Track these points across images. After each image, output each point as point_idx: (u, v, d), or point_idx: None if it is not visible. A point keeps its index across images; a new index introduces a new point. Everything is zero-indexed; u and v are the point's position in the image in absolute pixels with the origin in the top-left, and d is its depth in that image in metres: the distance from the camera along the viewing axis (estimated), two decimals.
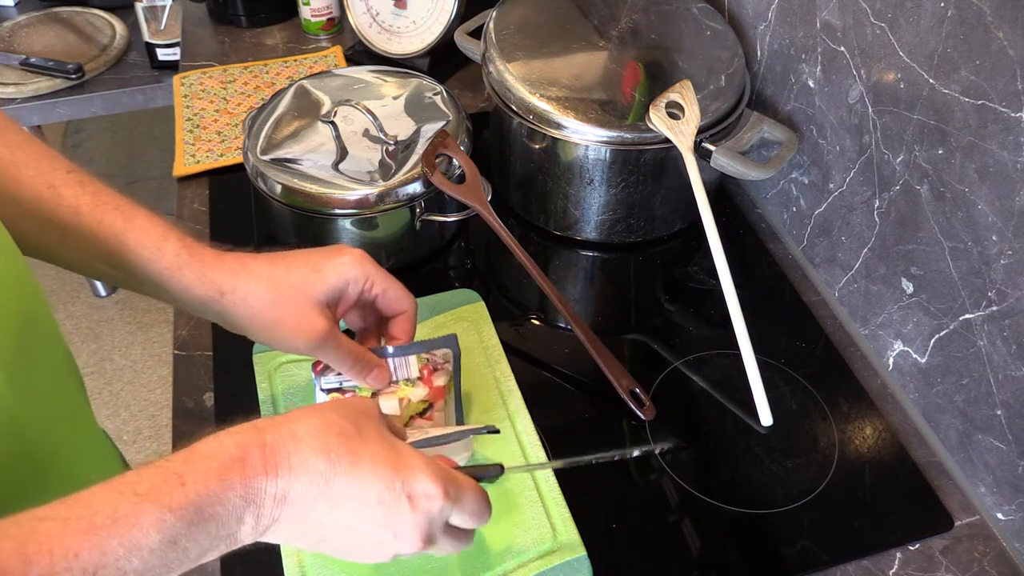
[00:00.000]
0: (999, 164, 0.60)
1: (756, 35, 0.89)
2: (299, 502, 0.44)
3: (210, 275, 0.56)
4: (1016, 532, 0.66)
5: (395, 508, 0.46)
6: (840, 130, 0.78)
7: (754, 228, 0.93)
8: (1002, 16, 0.57)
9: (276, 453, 0.44)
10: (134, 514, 0.39)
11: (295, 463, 0.44)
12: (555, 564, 0.61)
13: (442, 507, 0.47)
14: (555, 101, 0.81)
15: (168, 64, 1.55)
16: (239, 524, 0.42)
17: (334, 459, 0.45)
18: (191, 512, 0.40)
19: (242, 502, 0.42)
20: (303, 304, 0.57)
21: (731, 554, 0.66)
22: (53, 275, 2.12)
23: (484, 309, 0.78)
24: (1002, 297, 0.63)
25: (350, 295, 0.59)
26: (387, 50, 1.09)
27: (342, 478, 0.45)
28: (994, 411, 0.66)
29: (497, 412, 0.70)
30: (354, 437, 0.46)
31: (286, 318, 0.57)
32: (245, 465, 0.43)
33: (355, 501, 0.45)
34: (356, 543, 0.47)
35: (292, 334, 0.57)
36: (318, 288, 0.57)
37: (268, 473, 0.43)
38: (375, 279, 0.59)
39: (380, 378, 0.61)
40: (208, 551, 0.42)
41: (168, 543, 0.39)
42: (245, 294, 0.57)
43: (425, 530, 0.47)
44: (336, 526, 0.45)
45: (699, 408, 0.76)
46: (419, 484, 0.46)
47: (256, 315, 0.57)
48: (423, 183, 0.79)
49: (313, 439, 0.45)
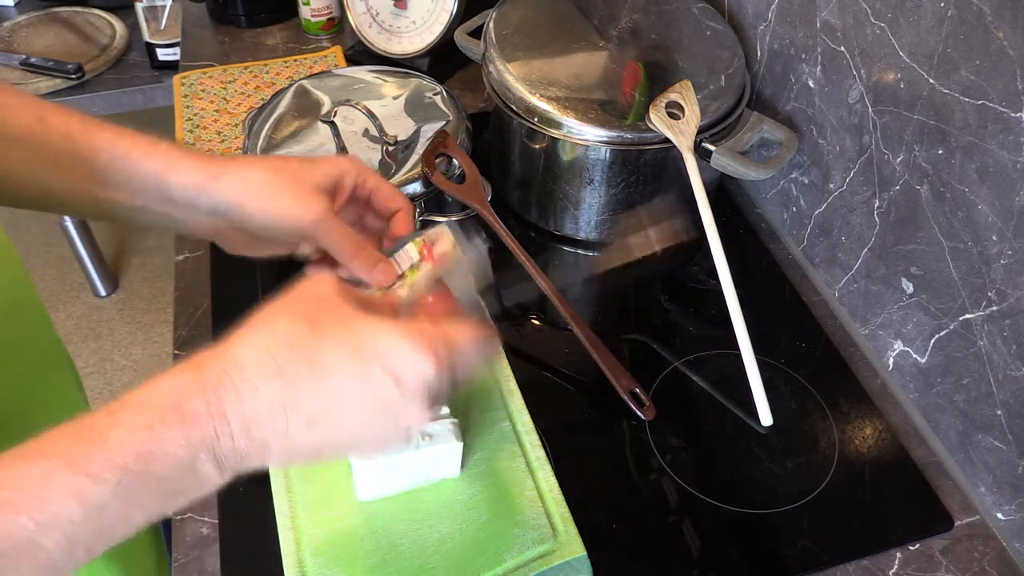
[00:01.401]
0: (999, 164, 0.60)
1: (756, 35, 0.89)
2: (265, 434, 0.40)
3: (204, 163, 0.55)
4: (1016, 532, 0.66)
5: (383, 396, 0.41)
6: (840, 130, 0.78)
7: (754, 228, 0.93)
8: (1002, 16, 0.57)
9: (219, 390, 0.39)
10: (44, 484, 0.35)
11: (245, 396, 0.39)
12: (555, 564, 0.60)
13: (439, 372, 0.42)
14: (555, 101, 0.81)
15: (168, 64, 1.55)
16: (193, 474, 0.38)
17: (290, 376, 0.40)
18: (117, 474, 0.36)
19: (187, 452, 0.38)
20: (301, 184, 0.55)
21: (731, 554, 0.66)
22: (53, 275, 2.12)
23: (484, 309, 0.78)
24: (1002, 297, 0.63)
25: (346, 186, 0.57)
26: (387, 50, 1.09)
27: (308, 394, 0.40)
28: (994, 411, 0.66)
29: (497, 412, 0.70)
30: (308, 340, 0.41)
31: (285, 193, 0.54)
32: (182, 412, 0.38)
33: (334, 410, 0.41)
34: (359, 444, 0.44)
35: (293, 207, 0.54)
36: (315, 173, 0.56)
37: (214, 416, 0.38)
38: (368, 175, 0.58)
39: (385, 272, 0.56)
40: (165, 507, 0.39)
41: (95, 511, 0.36)
42: (241, 174, 0.55)
43: (428, 401, 0.43)
44: (326, 440, 0.42)
45: (699, 408, 0.76)
46: (401, 361, 0.41)
47: (253, 191, 0.54)
48: (423, 183, 0.79)
49: (259, 363, 0.40)
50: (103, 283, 2.07)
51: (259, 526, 0.64)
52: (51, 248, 2.18)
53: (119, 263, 2.16)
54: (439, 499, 0.64)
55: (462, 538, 0.62)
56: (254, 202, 0.54)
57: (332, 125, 0.82)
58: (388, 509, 0.63)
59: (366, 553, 0.61)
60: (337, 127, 0.82)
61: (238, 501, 0.66)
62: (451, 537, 0.62)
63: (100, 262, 2.04)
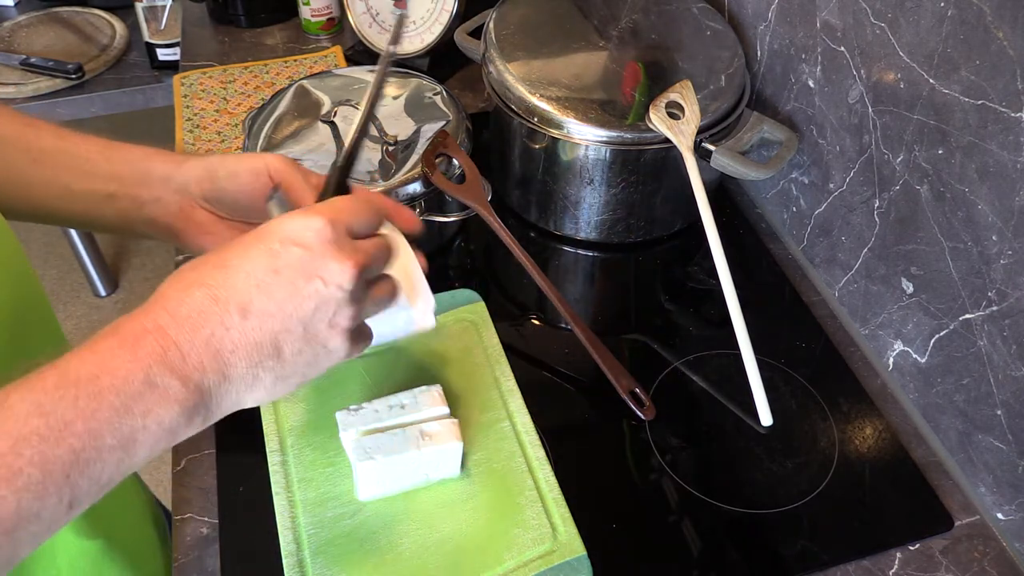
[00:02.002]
0: (999, 164, 0.60)
1: (756, 35, 0.89)
2: (206, 334, 0.41)
3: (173, 155, 0.59)
4: (1016, 532, 0.66)
5: (294, 262, 0.43)
6: (840, 130, 0.78)
7: (754, 228, 0.93)
8: (1002, 16, 0.57)
9: (149, 313, 0.42)
10: (5, 405, 0.37)
11: (172, 308, 0.42)
12: (555, 564, 0.61)
13: (330, 221, 0.45)
14: (555, 101, 0.81)
15: (168, 64, 1.55)
16: (153, 388, 0.40)
17: (204, 280, 0.43)
18: (72, 388, 0.38)
19: (134, 364, 0.40)
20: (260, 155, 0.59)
21: (731, 554, 0.66)
22: (54, 275, 2.12)
23: (484, 309, 0.78)
24: (1002, 297, 0.63)
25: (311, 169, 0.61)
26: None
27: (227, 287, 0.42)
28: (994, 411, 0.66)
29: (497, 412, 0.70)
30: (211, 256, 0.44)
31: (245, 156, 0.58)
32: (120, 333, 0.41)
33: (259, 292, 0.43)
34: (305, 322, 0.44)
35: (254, 159, 0.57)
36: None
37: (150, 331, 0.41)
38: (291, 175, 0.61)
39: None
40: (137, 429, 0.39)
41: (59, 427, 0.37)
42: (205, 159, 0.59)
43: (339, 251, 0.45)
44: (270, 327, 0.43)
45: (699, 408, 0.76)
46: (292, 226, 0.44)
47: (215, 164, 0.58)
48: (423, 183, 0.79)
49: (175, 283, 0.43)
50: (103, 283, 2.07)
51: (259, 526, 0.64)
52: (51, 248, 2.18)
53: (119, 263, 2.16)
54: (439, 499, 0.64)
55: (462, 538, 0.62)
56: (222, 159, 0.58)
57: (332, 125, 0.83)
58: (388, 509, 0.63)
59: (366, 553, 0.61)
60: (337, 127, 0.82)
61: (238, 501, 0.66)
62: (451, 537, 0.62)
63: (100, 262, 2.04)
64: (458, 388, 0.70)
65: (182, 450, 0.70)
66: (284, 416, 0.69)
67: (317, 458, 0.66)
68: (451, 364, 0.73)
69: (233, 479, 0.68)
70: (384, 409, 0.64)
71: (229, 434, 0.71)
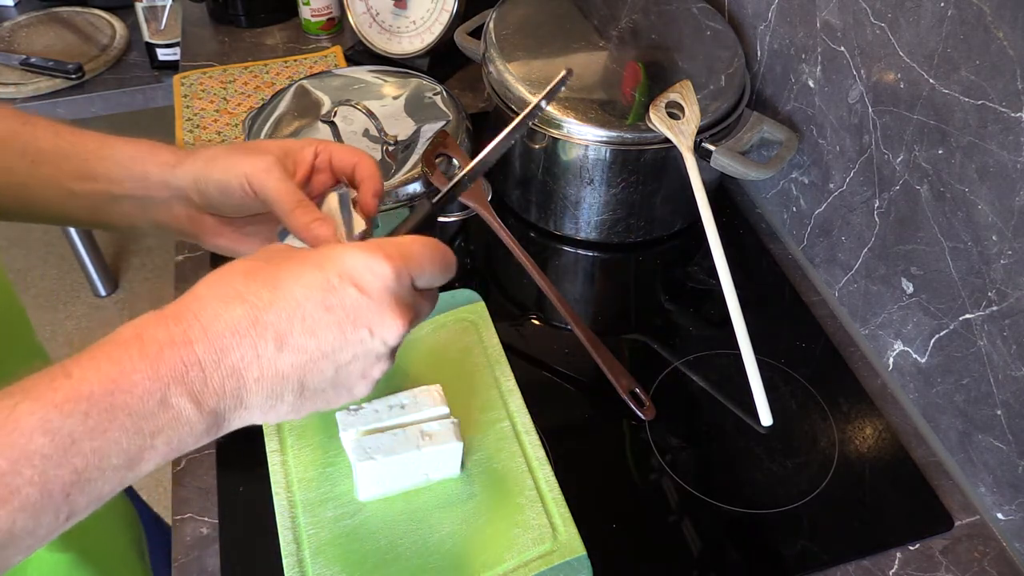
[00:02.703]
0: (999, 164, 0.60)
1: (756, 35, 0.89)
2: (235, 360, 0.39)
3: (178, 149, 0.57)
4: (1016, 532, 0.66)
5: (348, 304, 0.41)
6: (840, 130, 0.78)
7: (754, 228, 0.93)
8: (1002, 16, 0.57)
9: (181, 320, 0.39)
10: (12, 418, 0.34)
11: (207, 321, 0.39)
12: (555, 564, 0.61)
13: (396, 271, 0.42)
14: (555, 101, 0.81)
15: (168, 64, 1.55)
16: (167, 409, 0.37)
17: (250, 298, 0.40)
18: (83, 403, 0.35)
19: (156, 385, 0.37)
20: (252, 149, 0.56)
21: (731, 554, 0.66)
22: (53, 275, 2.12)
23: (484, 309, 0.78)
24: (1002, 297, 0.63)
25: (305, 156, 0.57)
26: (387, 50, 1.09)
27: (270, 311, 0.40)
28: (994, 411, 0.66)
29: (497, 412, 0.70)
30: (263, 268, 0.42)
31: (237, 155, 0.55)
32: (143, 342, 0.38)
33: (301, 325, 0.40)
34: (339, 367, 0.42)
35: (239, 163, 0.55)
36: (273, 144, 0.57)
37: (177, 343, 0.38)
38: (326, 144, 0.59)
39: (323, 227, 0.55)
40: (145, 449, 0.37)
41: (64, 446, 0.35)
42: (205, 151, 0.57)
43: (396, 305, 0.42)
44: (302, 363, 0.40)
45: (699, 408, 0.76)
46: (357, 266, 0.41)
47: (211, 161, 0.56)
48: (423, 183, 0.79)
49: (218, 291, 0.40)
50: (103, 283, 2.07)
51: (259, 526, 0.64)
52: (51, 248, 2.18)
53: (119, 263, 2.16)
54: (439, 499, 0.64)
55: (462, 538, 0.62)
56: (212, 164, 0.55)
57: (332, 125, 0.82)
58: (388, 509, 0.63)
59: (366, 553, 0.61)
60: (337, 127, 0.82)
61: (238, 501, 0.66)
62: (451, 537, 0.62)
63: (100, 262, 2.04)
64: (458, 388, 0.70)
65: None
66: None
67: (317, 458, 0.66)
68: (451, 364, 0.73)
69: (233, 479, 0.68)
70: (384, 409, 0.64)
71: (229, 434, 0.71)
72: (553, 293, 0.74)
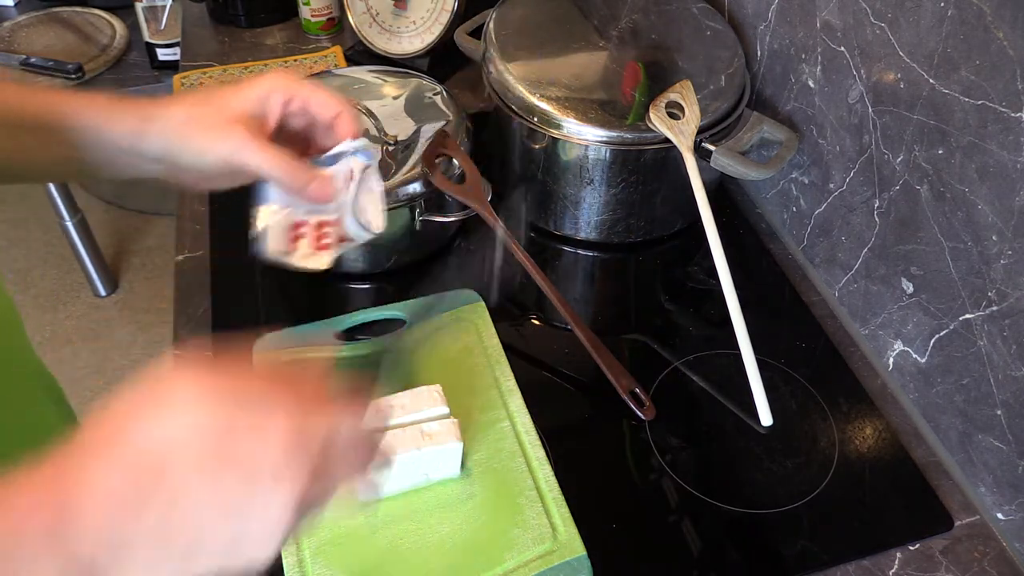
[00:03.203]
0: (999, 164, 0.60)
1: (756, 35, 0.89)
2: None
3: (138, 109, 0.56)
4: (1016, 532, 0.66)
5: (230, 441, 0.35)
6: (840, 130, 0.78)
7: (754, 228, 0.93)
8: (1002, 16, 0.57)
9: (61, 479, 0.34)
10: None
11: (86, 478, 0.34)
12: (555, 564, 0.61)
13: (300, 430, 0.36)
14: (555, 101, 0.81)
15: (168, 64, 1.55)
16: None
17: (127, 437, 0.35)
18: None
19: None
20: (220, 115, 0.55)
21: (731, 554, 0.66)
22: (53, 275, 2.12)
23: (484, 309, 0.78)
24: (1002, 297, 0.63)
25: (273, 106, 0.57)
26: (387, 50, 1.09)
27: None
28: (994, 411, 0.66)
29: (497, 412, 0.70)
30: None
31: (206, 128, 0.55)
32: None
33: (171, 465, 0.34)
34: (229, 524, 0.34)
35: (213, 142, 0.54)
36: (235, 102, 0.56)
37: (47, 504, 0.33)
38: (298, 87, 0.57)
39: (322, 188, 0.57)
40: None
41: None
42: (168, 117, 0.55)
43: (291, 477, 0.35)
44: (189, 511, 0.34)
45: (699, 408, 0.76)
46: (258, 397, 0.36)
47: (179, 132, 0.55)
48: (423, 183, 0.79)
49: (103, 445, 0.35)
50: (103, 283, 2.07)
51: None
52: (51, 248, 2.18)
53: (119, 263, 2.16)
54: (439, 499, 0.64)
55: (462, 538, 0.62)
56: (181, 143, 0.55)
57: None
58: (388, 509, 0.63)
59: (366, 553, 0.61)
60: None
61: None
62: (451, 537, 0.62)
63: (100, 262, 2.04)
64: (458, 388, 0.70)
65: None
66: None
67: None
68: (451, 364, 0.73)
69: None
70: (384, 409, 0.64)
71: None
72: (553, 293, 0.74)
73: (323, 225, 0.60)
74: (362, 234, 0.61)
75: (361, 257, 0.83)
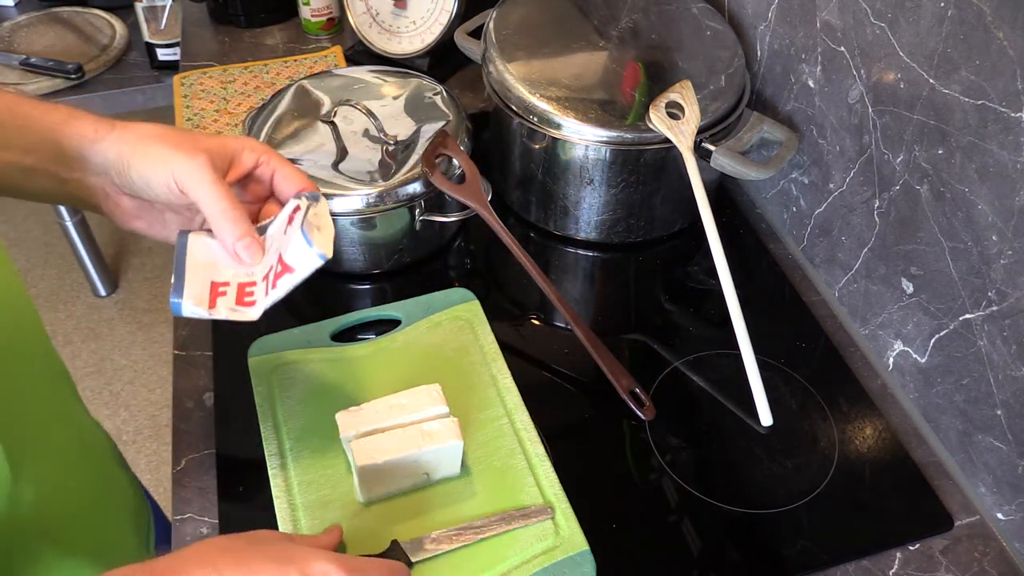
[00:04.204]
0: (999, 164, 0.60)
1: (756, 35, 0.89)
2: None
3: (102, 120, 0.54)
4: (1016, 532, 0.66)
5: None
6: (840, 130, 0.78)
7: (754, 228, 0.93)
8: (1002, 16, 0.57)
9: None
10: None
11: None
12: (558, 560, 0.61)
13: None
14: (555, 101, 0.81)
15: (168, 64, 1.55)
16: None
17: (221, 568, 0.45)
18: None
19: None
20: (187, 140, 0.53)
21: (731, 554, 0.66)
22: (53, 275, 2.12)
23: (479, 308, 0.78)
24: (1002, 297, 0.63)
25: (244, 162, 0.56)
26: (387, 50, 1.09)
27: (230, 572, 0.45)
28: (994, 411, 0.66)
29: (495, 409, 0.70)
30: (243, 549, 0.47)
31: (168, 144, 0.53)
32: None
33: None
34: None
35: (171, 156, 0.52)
36: (208, 140, 0.54)
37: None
38: (272, 155, 0.57)
39: (251, 249, 0.54)
40: None
41: None
42: (134, 130, 0.54)
43: None
44: None
45: (699, 408, 0.76)
46: (315, 565, 0.47)
47: (140, 143, 0.53)
48: (423, 183, 0.79)
49: (197, 557, 0.46)
50: (103, 283, 2.07)
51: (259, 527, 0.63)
52: (51, 248, 2.18)
53: (119, 263, 2.16)
54: (440, 499, 0.64)
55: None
56: (137, 153, 0.53)
57: (332, 125, 0.83)
58: (389, 509, 0.63)
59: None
60: (337, 127, 0.82)
61: (238, 502, 0.66)
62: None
63: (100, 262, 2.04)
64: (455, 387, 0.70)
65: (182, 450, 0.70)
66: (282, 420, 0.69)
67: (317, 460, 0.66)
68: (447, 363, 0.73)
69: (233, 479, 0.68)
70: (384, 409, 0.64)
71: (229, 434, 0.71)
72: (553, 293, 0.74)
73: (247, 285, 0.56)
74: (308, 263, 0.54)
75: (361, 257, 0.83)
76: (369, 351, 0.75)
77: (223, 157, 0.55)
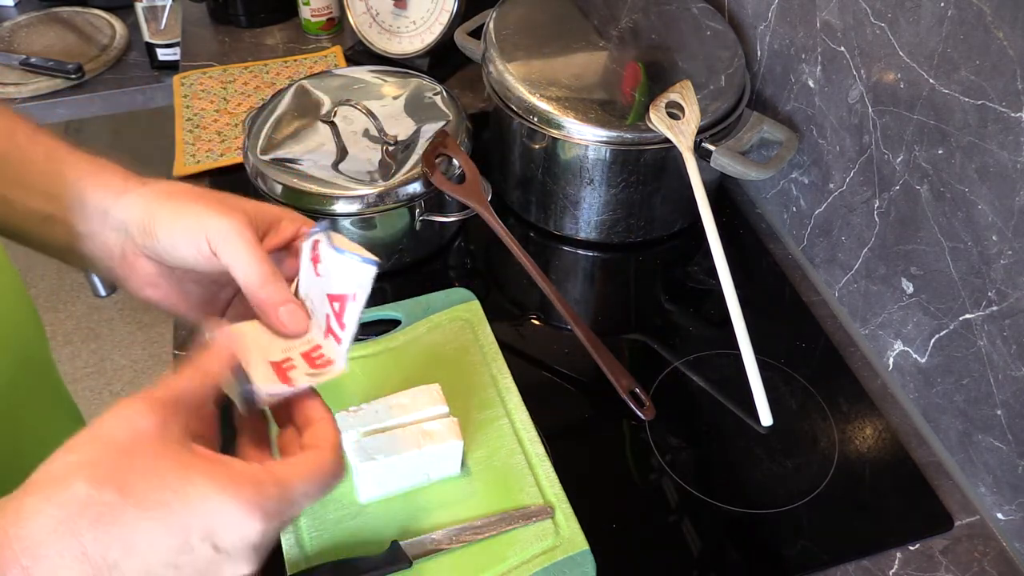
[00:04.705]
0: (999, 164, 0.60)
1: (756, 35, 0.89)
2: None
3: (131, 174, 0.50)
4: (1016, 532, 0.66)
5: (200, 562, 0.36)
6: (840, 130, 0.78)
7: (754, 228, 0.93)
8: (1002, 16, 0.57)
9: (6, 572, 0.33)
10: None
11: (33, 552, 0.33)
12: (558, 559, 0.61)
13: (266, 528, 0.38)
14: (555, 101, 0.81)
15: (168, 64, 1.55)
16: None
17: (94, 558, 0.34)
18: None
19: None
20: (222, 201, 0.47)
21: (731, 554, 0.66)
22: (53, 275, 2.12)
23: (479, 307, 0.78)
24: (1002, 297, 0.63)
25: (283, 229, 0.49)
26: (387, 50, 1.09)
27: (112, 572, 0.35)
28: (994, 411, 0.66)
29: (495, 409, 0.70)
30: (115, 508, 0.35)
31: (197, 201, 0.47)
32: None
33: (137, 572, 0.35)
34: None
35: (203, 213, 0.46)
36: (247, 203, 0.48)
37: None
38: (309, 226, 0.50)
39: (296, 316, 0.47)
40: None
41: None
42: (166, 184, 0.49)
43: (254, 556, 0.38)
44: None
45: (699, 408, 0.76)
46: (224, 527, 0.37)
47: (170, 199, 0.47)
48: (423, 183, 0.79)
49: (58, 543, 0.34)
50: (103, 283, 2.07)
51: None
52: None
53: None
54: (440, 498, 0.64)
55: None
56: (167, 208, 0.47)
57: (332, 125, 0.83)
58: (389, 509, 0.63)
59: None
60: (337, 127, 0.82)
61: None
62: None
63: None
64: (455, 387, 0.70)
65: None
66: None
67: None
68: (447, 363, 0.73)
69: None
70: (384, 409, 0.64)
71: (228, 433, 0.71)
72: (553, 293, 0.74)
73: (311, 352, 0.48)
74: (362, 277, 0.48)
75: None
76: (369, 351, 0.75)
77: (262, 221, 0.48)
